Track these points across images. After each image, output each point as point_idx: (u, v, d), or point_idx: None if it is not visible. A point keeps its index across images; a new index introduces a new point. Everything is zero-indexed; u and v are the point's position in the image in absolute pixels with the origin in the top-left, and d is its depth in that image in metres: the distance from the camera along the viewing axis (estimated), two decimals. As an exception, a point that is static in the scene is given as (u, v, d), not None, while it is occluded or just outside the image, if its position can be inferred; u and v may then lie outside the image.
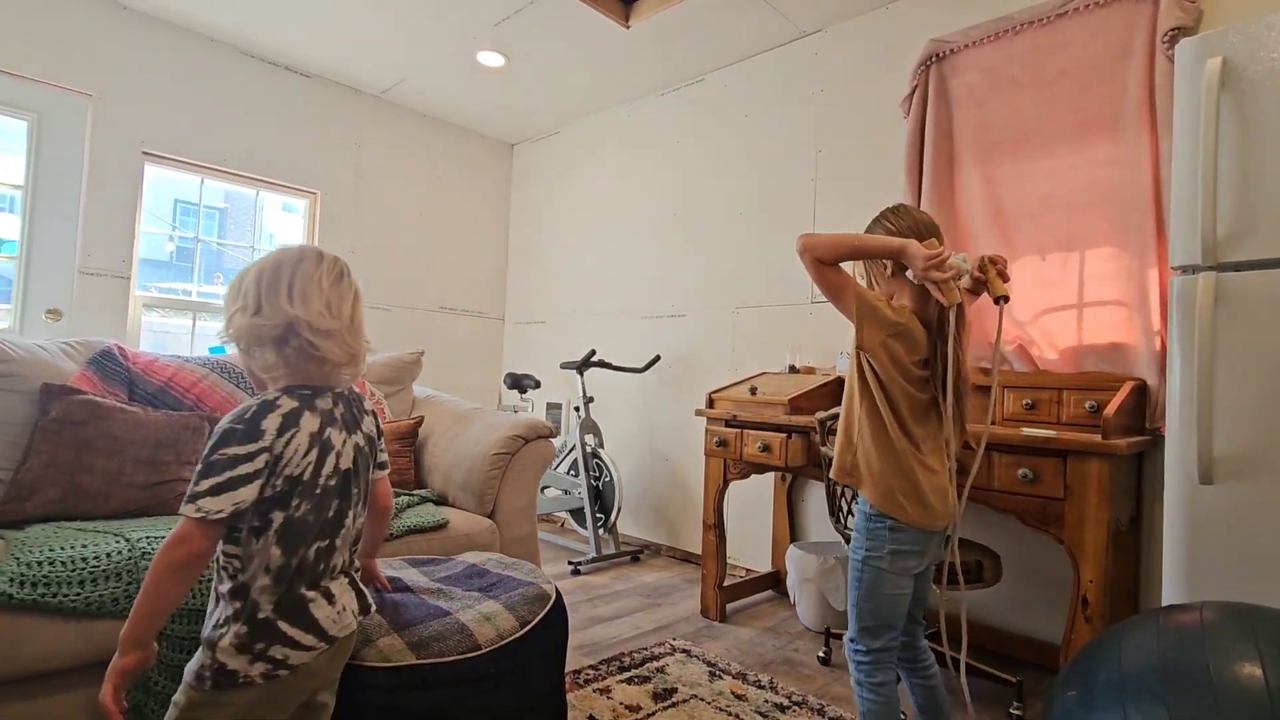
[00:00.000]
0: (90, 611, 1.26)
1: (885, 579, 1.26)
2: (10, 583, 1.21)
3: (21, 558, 1.26)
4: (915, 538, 1.25)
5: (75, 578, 1.27)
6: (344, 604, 1.05)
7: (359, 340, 1.07)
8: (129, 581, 1.31)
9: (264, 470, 0.94)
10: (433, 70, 3.53)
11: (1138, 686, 0.82)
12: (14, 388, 1.69)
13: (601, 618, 2.46)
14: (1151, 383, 1.99)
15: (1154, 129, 2.06)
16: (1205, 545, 1.45)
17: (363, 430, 1.12)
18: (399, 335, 3.99)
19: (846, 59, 2.90)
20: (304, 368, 1.02)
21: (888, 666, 1.28)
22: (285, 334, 0.98)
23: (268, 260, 1.02)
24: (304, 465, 0.98)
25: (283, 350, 0.99)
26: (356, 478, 1.08)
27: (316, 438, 1.00)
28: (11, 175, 2.82)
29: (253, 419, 0.95)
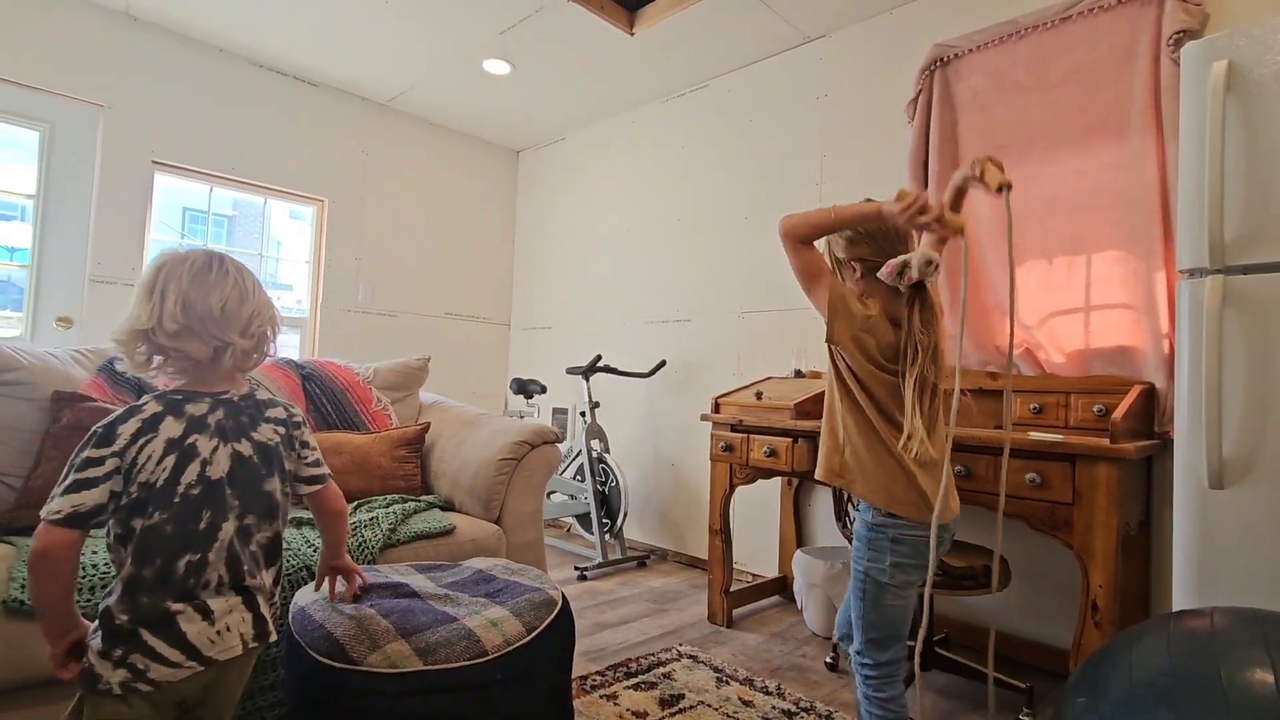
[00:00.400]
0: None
1: (888, 591, 1.24)
2: (22, 590, 1.22)
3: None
4: (916, 549, 1.23)
5: (85, 584, 1.28)
6: (227, 624, 0.99)
7: (229, 331, 1.02)
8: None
9: (112, 475, 0.93)
10: (439, 78, 3.55)
11: (1148, 693, 0.82)
12: (25, 395, 1.70)
13: (608, 623, 2.46)
14: (1160, 386, 1.98)
15: (1160, 132, 2.05)
16: (1216, 550, 1.43)
17: (252, 438, 1.07)
18: (406, 341, 4.00)
19: (851, 64, 2.90)
20: (181, 369, 1.02)
21: (896, 680, 1.27)
22: (138, 339, 0.98)
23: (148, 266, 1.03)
24: (158, 472, 0.96)
25: (143, 353, 0.99)
26: (236, 487, 1.03)
27: (175, 444, 0.98)
28: (24, 185, 2.85)
29: (111, 424, 0.95)
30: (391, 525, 1.76)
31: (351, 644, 1.14)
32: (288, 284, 3.91)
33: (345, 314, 3.77)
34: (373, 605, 1.26)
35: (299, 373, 2.33)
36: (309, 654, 1.16)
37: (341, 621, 1.19)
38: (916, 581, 1.25)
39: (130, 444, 0.94)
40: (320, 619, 1.21)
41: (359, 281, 3.82)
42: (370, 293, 3.86)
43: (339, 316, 3.74)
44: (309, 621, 1.21)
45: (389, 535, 1.73)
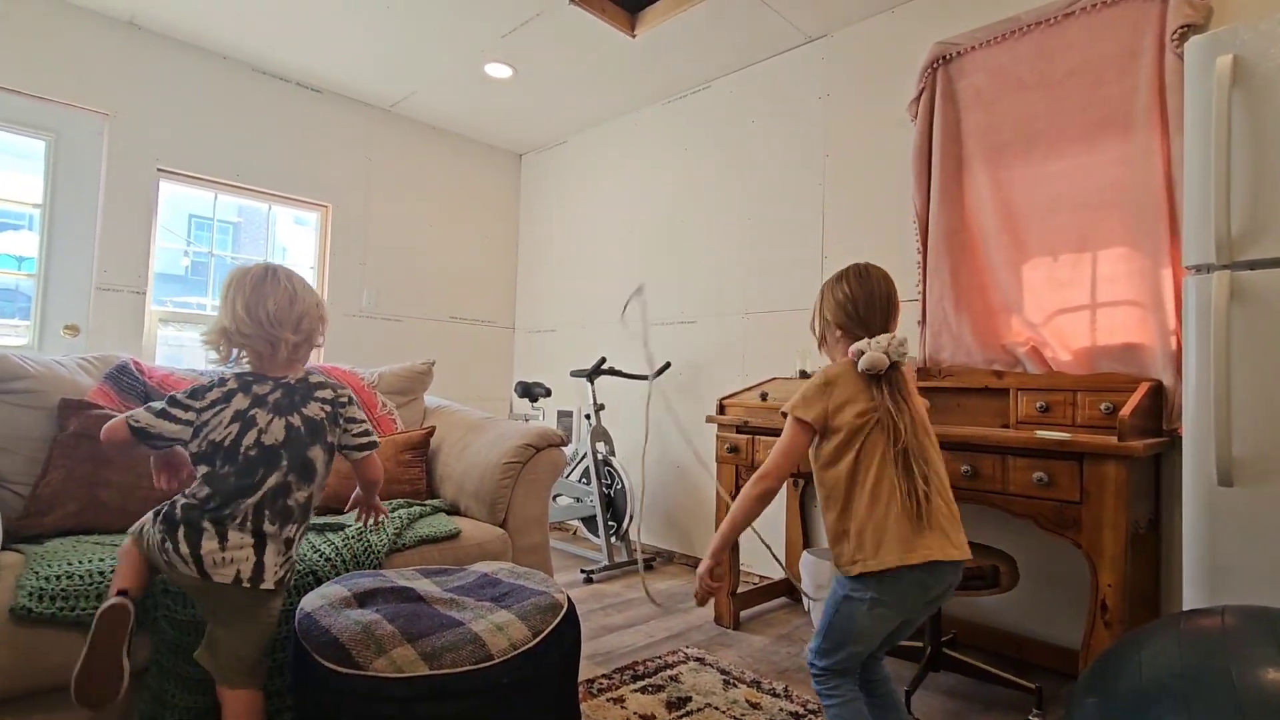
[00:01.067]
0: None
1: (860, 618, 1.24)
2: (29, 597, 1.22)
3: (40, 571, 1.28)
4: (899, 595, 1.21)
5: (93, 591, 1.28)
6: (233, 556, 1.22)
7: (281, 329, 1.33)
8: (147, 594, 1.32)
9: (186, 426, 1.28)
10: (441, 83, 3.56)
11: (1159, 693, 0.81)
12: (32, 404, 1.71)
13: (614, 626, 2.45)
14: (1168, 383, 1.97)
15: (1165, 128, 2.04)
16: (1226, 548, 1.42)
17: (301, 413, 1.34)
18: (410, 345, 4.01)
19: (853, 63, 2.90)
20: (254, 358, 1.35)
21: (846, 677, 1.28)
22: (221, 337, 1.32)
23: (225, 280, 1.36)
24: (225, 434, 1.28)
25: (225, 347, 1.33)
26: (287, 450, 1.30)
27: (241, 414, 1.29)
28: (31, 194, 2.87)
29: (202, 387, 1.31)
30: (397, 530, 1.76)
31: (357, 649, 1.14)
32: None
33: (350, 319, 3.78)
34: (378, 610, 1.26)
35: (304, 378, 2.34)
36: (315, 659, 1.16)
37: (347, 626, 1.19)
38: (891, 618, 1.24)
39: (208, 408, 1.29)
40: (326, 624, 1.21)
41: (363, 286, 3.83)
42: (375, 297, 3.87)
43: (343, 321, 3.75)
44: (315, 626, 1.21)
45: (395, 540, 1.73)
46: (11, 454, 1.65)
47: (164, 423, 1.26)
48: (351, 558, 1.60)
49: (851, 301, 1.32)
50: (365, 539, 1.67)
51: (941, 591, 1.25)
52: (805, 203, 3.02)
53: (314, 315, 1.38)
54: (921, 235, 2.55)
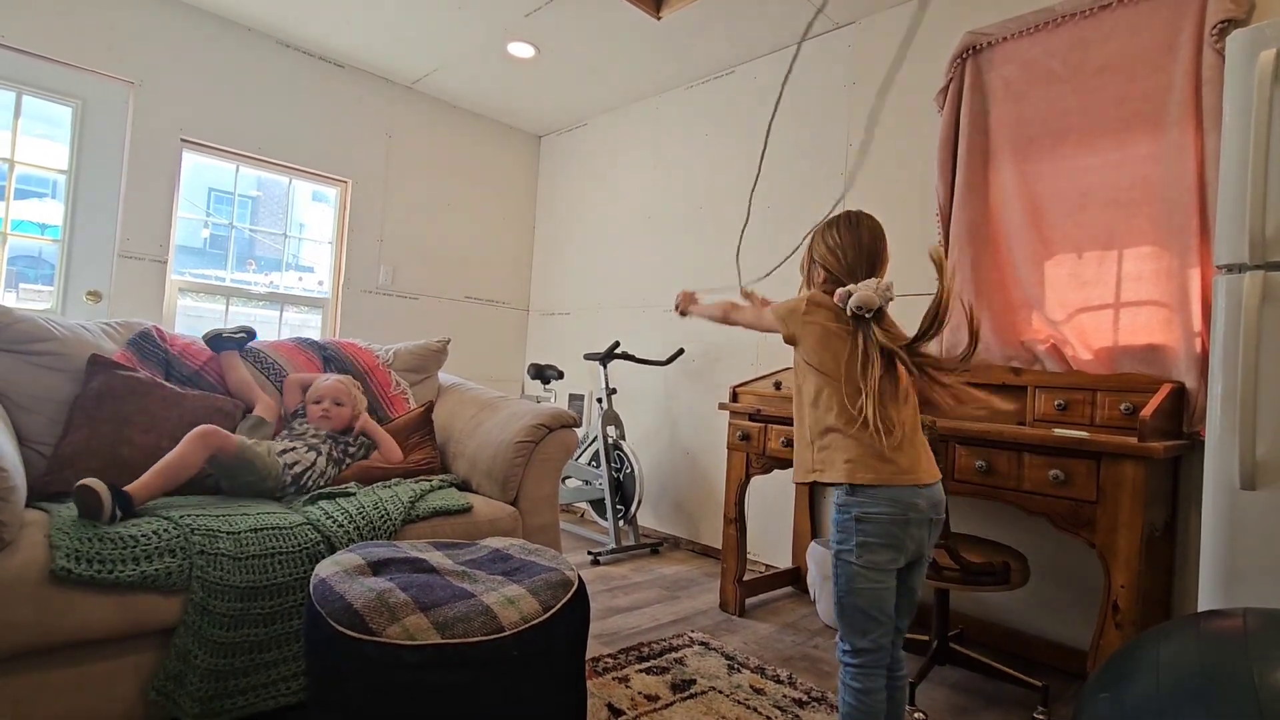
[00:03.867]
0: (146, 586, 1.30)
1: (858, 574, 1.26)
2: (67, 558, 1.25)
3: (72, 533, 1.30)
4: (880, 528, 1.24)
5: (129, 555, 1.31)
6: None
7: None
8: (182, 558, 1.35)
9: None
10: (464, 61, 3.55)
11: (1177, 691, 0.80)
12: (58, 366, 1.74)
13: (620, 608, 2.47)
14: (1190, 385, 1.94)
15: (1199, 125, 1.99)
16: (1245, 552, 1.41)
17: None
18: (425, 323, 4.03)
19: (880, 52, 2.85)
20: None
21: (876, 672, 1.27)
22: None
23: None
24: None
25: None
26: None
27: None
28: (56, 160, 2.90)
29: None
30: (412, 500, 1.78)
31: (371, 615, 1.16)
32: (309, 265, 3.94)
33: (366, 295, 3.80)
34: (392, 579, 1.28)
35: (320, 354, 2.36)
36: (329, 623, 1.18)
37: (361, 593, 1.21)
38: (887, 563, 1.25)
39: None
40: (341, 590, 1.23)
41: (380, 263, 3.85)
42: (391, 275, 3.89)
43: (360, 298, 3.77)
44: (330, 592, 1.23)
45: (409, 509, 1.74)
46: (35, 414, 1.68)
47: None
48: (366, 525, 1.62)
49: (840, 248, 1.35)
50: (381, 507, 1.69)
51: (927, 519, 1.27)
52: (827, 191, 2.99)
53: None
54: (944, 228, 2.52)
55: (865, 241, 1.34)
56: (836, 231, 1.37)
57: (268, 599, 1.42)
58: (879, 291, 1.27)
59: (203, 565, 1.36)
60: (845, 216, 1.39)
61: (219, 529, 1.43)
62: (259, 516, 1.53)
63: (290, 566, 1.46)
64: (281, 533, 1.50)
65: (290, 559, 1.47)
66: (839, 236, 1.36)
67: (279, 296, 3.59)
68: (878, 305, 1.27)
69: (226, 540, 1.41)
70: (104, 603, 1.27)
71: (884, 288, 1.28)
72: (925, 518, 1.28)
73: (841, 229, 1.36)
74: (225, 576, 1.37)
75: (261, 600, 1.41)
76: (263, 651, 1.41)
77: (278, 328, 3.57)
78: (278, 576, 1.44)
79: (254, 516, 1.53)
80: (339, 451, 1.97)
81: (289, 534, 1.51)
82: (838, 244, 1.36)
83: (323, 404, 2.05)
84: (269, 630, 1.41)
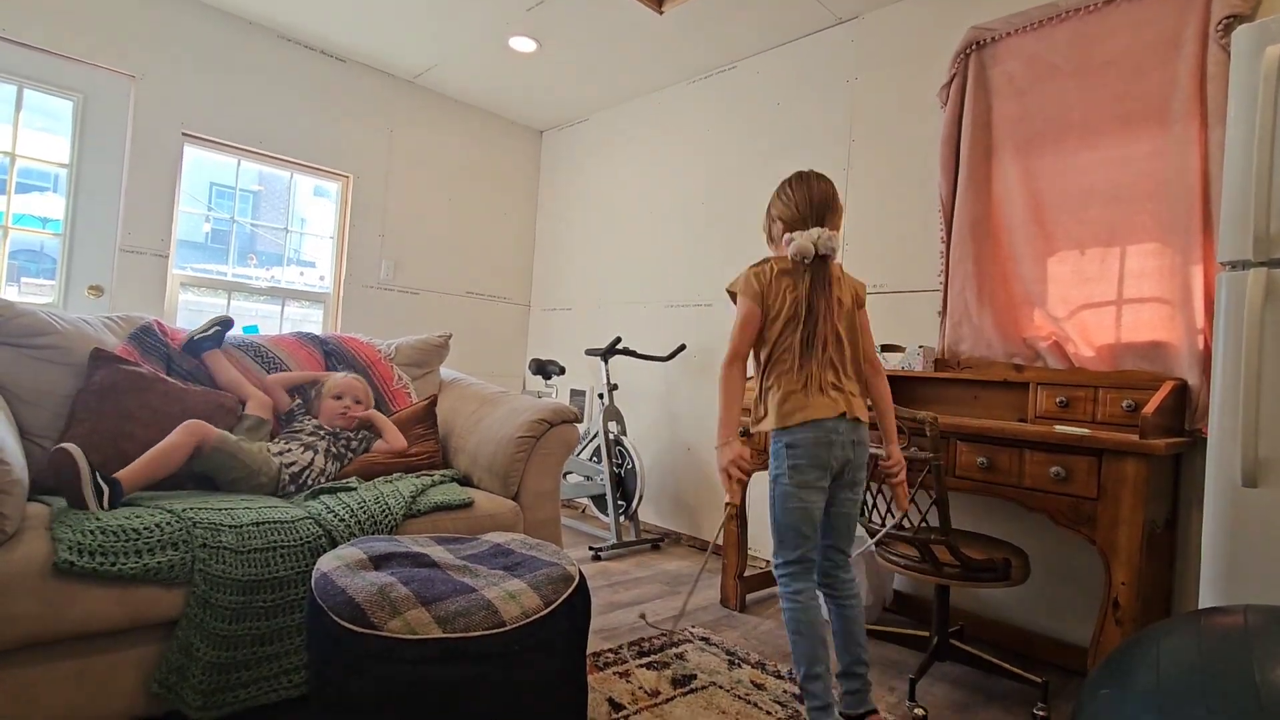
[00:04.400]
0: (148, 579, 1.31)
1: (790, 494, 1.45)
2: (69, 551, 1.25)
3: (74, 526, 1.30)
4: (807, 450, 1.44)
5: (131, 548, 1.31)
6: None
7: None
8: (184, 551, 1.35)
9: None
10: (465, 55, 3.54)
11: (1178, 686, 0.80)
12: (59, 360, 1.74)
13: (621, 603, 2.47)
14: (1193, 383, 1.94)
15: (1204, 121, 1.99)
16: (1246, 549, 1.40)
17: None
18: (426, 319, 4.03)
19: (883, 46, 2.84)
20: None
21: (805, 578, 1.48)
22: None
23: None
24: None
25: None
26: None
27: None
28: (57, 154, 2.89)
29: None
30: (413, 494, 1.78)
31: (372, 609, 1.16)
32: (311, 260, 3.94)
33: (367, 290, 3.80)
34: (394, 573, 1.28)
35: (321, 348, 2.36)
36: (331, 617, 1.18)
37: (363, 588, 1.21)
38: (815, 481, 1.45)
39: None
40: (343, 584, 1.23)
41: (382, 258, 3.85)
42: (392, 270, 3.89)
43: (361, 293, 3.77)
44: (331, 586, 1.23)
45: (410, 504, 1.74)
46: (37, 408, 1.68)
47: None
48: (368, 519, 1.62)
49: (793, 202, 1.52)
50: (383, 502, 1.69)
51: (846, 454, 1.47)
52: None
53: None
54: (946, 224, 2.51)
55: (814, 195, 1.51)
56: (789, 188, 1.54)
57: (270, 592, 1.42)
58: (818, 241, 1.43)
59: (205, 558, 1.36)
60: (797, 174, 1.55)
61: (221, 522, 1.43)
62: (261, 510, 1.53)
63: (292, 560, 1.46)
64: (283, 526, 1.50)
65: (292, 553, 1.47)
66: (791, 192, 1.53)
67: (280, 291, 3.59)
68: (813, 252, 1.43)
69: (229, 533, 1.42)
70: (106, 595, 1.28)
71: (825, 237, 1.44)
72: (846, 439, 1.47)
73: (794, 184, 1.54)
74: (227, 570, 1.37)
75: (263, 594, 1.41)
76: (265, 645, 1.41)
77: (279, 322, 3.57)
78: (279, 570, 1.44)
79: (256, 510, 1.53)
80: (339, 447, 1.97)
81: (291, 528, 1.51)
82: (790, 198, 1.53)
83: (344, 400, 2.06)
84: (271, 623, 1.42)
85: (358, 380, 2.16)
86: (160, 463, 1.54)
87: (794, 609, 1.46)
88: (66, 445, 1.37)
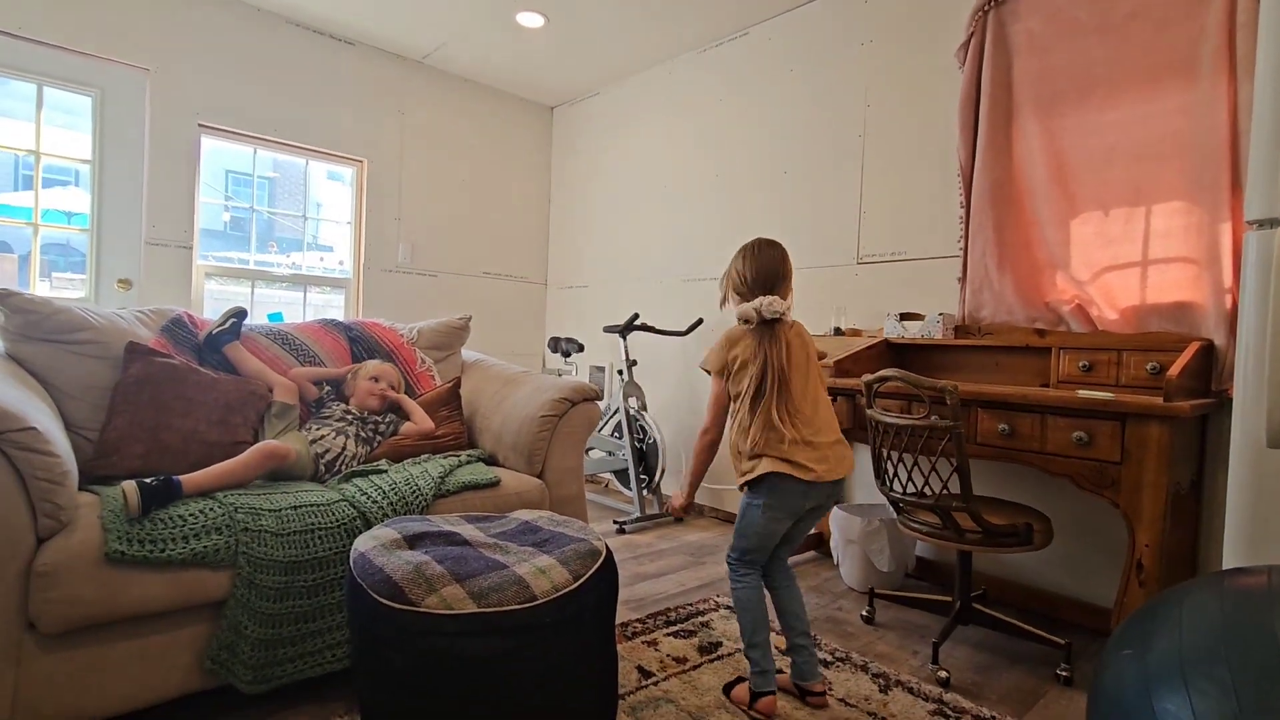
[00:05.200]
0: (196, 562, 1.37)
1: (759, 520, 1.59)
2: (119, 540, 1.31)
3: (123, 515, 1.36)
4: (781, 502, 1.57)
5: (179, 534, 1.37)
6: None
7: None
8: (228, 535, 1.41)
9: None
10: (473, 33, 3.51)
11: (1198, 647, 0.82)
12: (98, 354, 1.79)
13: (647, 575, 2.53)
14: (1220, 343, 1.91)
15: (1233, 74, 1.92)
16: (1270, 511, 1.40)
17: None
18: (444, 300, 4.07)
19: (898, 7, 2.77)
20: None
21: (752, 570, 1.64)
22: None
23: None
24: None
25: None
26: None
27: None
28: (80, 150, 2.94)
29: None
30: (441, 475, 1.83)
31: (409, 586, 1.21)
32: (329, 245, 3.99)
33: (387, 274, 3.84)
34: (428, 552, 1.33)
35: (346, 334, 2.40)
36: (370, 595, 1.23)
37: (399, 566, 1.26)
38: (783, 519, 1.59)
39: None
40: (380, 563, 1.28)
41: (399, 241, 3.88)
42: (410, 253, 3.92)
43: (381, 277, 3.81)
44: (369, 565, 1.28)
45: (439, 484, 1.79)
46: (79, 401, 1.74)
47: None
48: (400, 500, 1.67)
49: (741, 276, 1.68)
50: (413, 483, 1.74)
51: (818, 503, 1.60)
52: (845, 154, 2.94)
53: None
54: (965, 188, 2.47)
55: (763, 268, 1.66)
56: (740, 261, 1.69)
57: (310, 572, 1.48)
58: (760, 308, 1.58)
59: (248, 541, 1.42)
60: (748, 248, 1.70)
61: (261, 506, 1.49)
62: (298, 494, 1.59)
63: (330, 541, 1.52)
64: (320, 509, 1.56)
65: (329, 534, 1.53)
66: (740, 267, 1.69)
67: (302, 278, 3.65)
68: (756, 319, 1.59)
69: (269, 517, 1.47)
70: (158, 579, 1.34)
71: (766, 304, 1.58)
72: (823, 493, 1.59)
73: (746, 259, 1.68)
74: (269, 551, 1.43)
75: (304, 574, 1.47)
76: (308, 621, 1.48)
77: (302, 309, 3.63)
78: (318, 551, 1.50)
79: (293, 495, 1.58)
80: (369, 431, 2.02)
81: (327, 510, 1.57)
82: (739, 273, 1.68)
83: (381, 383, 2.14)
84: (313, 602, 1.48)
85: (394, 369, 2.24)
86: (230, 480, 1.58)
87: (740, 589, 1.63)
88: (123, 485, 1.39)
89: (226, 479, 1.57)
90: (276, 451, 1.68)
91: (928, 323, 2.47)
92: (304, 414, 2.06)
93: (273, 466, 1.69)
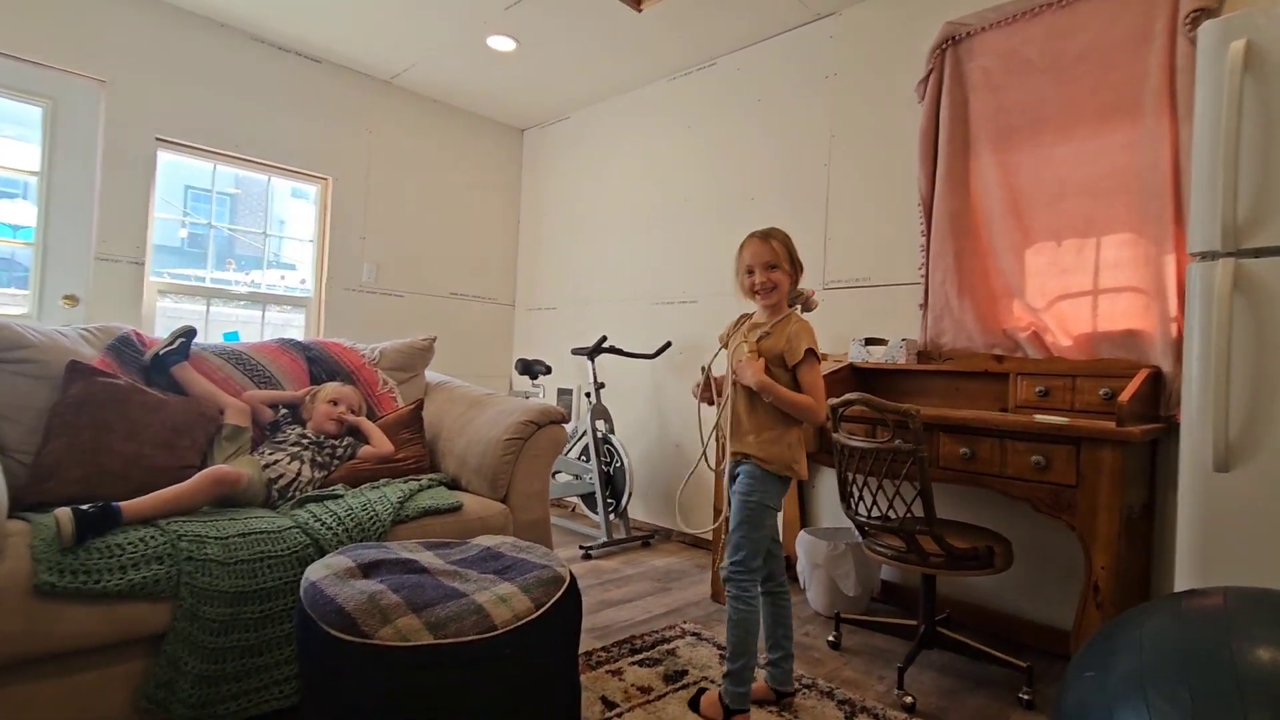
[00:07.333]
0: (134, 594, 1.29)
1: (770, 514, 1.62)
2: (49, 571, 1.23)
3: (55, 545, 1.28)
4: (780, 503, 1.66)
5: (115, 564, 1.29)
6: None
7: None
8: (170, 565, 1.34)
9: None
10: (443, 55, 3.51)
11: (1159, 668, 0.83)
12: (35, 373, 1.71)
13: (612, 601, 2.48)
14: (1167, 370, 1.98)
15: (1174, 113, 2.03)
16: (1219, 533, 1.44)
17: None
18: (411, 321, 4.01)
19: (861, 42, 2.86)
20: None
21: (756, 583, 1.63)
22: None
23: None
24: None
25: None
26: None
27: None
28: (28, 161, 2.84)
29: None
30: (401, 499, 1.78)
31: (363, 618, 1.16)
32: (291, 263, 3.90)
33: (350, 294, 3.77)
34: (383, 580, 1.28)
35: (304, 355, 2.33)
36: (321, 627, 1.18)
37: (353, 596, 1.20)
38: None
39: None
40: (332, 593, 1.22)
41: (364, 261, 3.82)
42: (375, 272, 3.86)
43: (344, 296, 3.74)
44: (321, 596, 1.23)
45: (398, 509, 1.74)
46: (14, 422, 1.65)
47: None
48: (356, 526, 1.62)
49: (796, 270, 1.81)
50: (370, 509, 1.68)
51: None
52: (810, 182, 3.00)
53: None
54: (925, 218, 2.54)
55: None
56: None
57: (257, 603, 1.41)
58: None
59: (190, 571, 1.35)
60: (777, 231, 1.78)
61: (206, 534, 1.42)
62: (247, 521, 1.52)
63: (280, 570, 1.46)
64: (270, 537, 1.49)
65: (279, 563, 1.46)
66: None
67: (261, 296, 3.55)
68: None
69: (214, 545, 1.41)
70: (92, 612, 1.26)
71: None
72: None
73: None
74: (214, 582, 1.36)
75: (251, 605, 1.40)
76: (254, 656, 1.40)
77: (260, 328, 3.53)
78: (267, 581, 1.43)
79: (242, 521, 1.52)
80: (325, 455, 1.96)
81: (277, 538, 1.50)
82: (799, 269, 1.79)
83: (340, 406, 2.08)
84: (260, 634, 1.41)
85: (354, 391, 2.18)
86: (176, 507, 1.50)
87: (748, 611, 1.61)
88: (56, 513, 1.32)
89: (171, 505, 1.49)
90: (226, 477, 1.61)
91: (891, 348, 2.51)
92: (257, 437, 1.99)
93: (222, 492, 1.61)
